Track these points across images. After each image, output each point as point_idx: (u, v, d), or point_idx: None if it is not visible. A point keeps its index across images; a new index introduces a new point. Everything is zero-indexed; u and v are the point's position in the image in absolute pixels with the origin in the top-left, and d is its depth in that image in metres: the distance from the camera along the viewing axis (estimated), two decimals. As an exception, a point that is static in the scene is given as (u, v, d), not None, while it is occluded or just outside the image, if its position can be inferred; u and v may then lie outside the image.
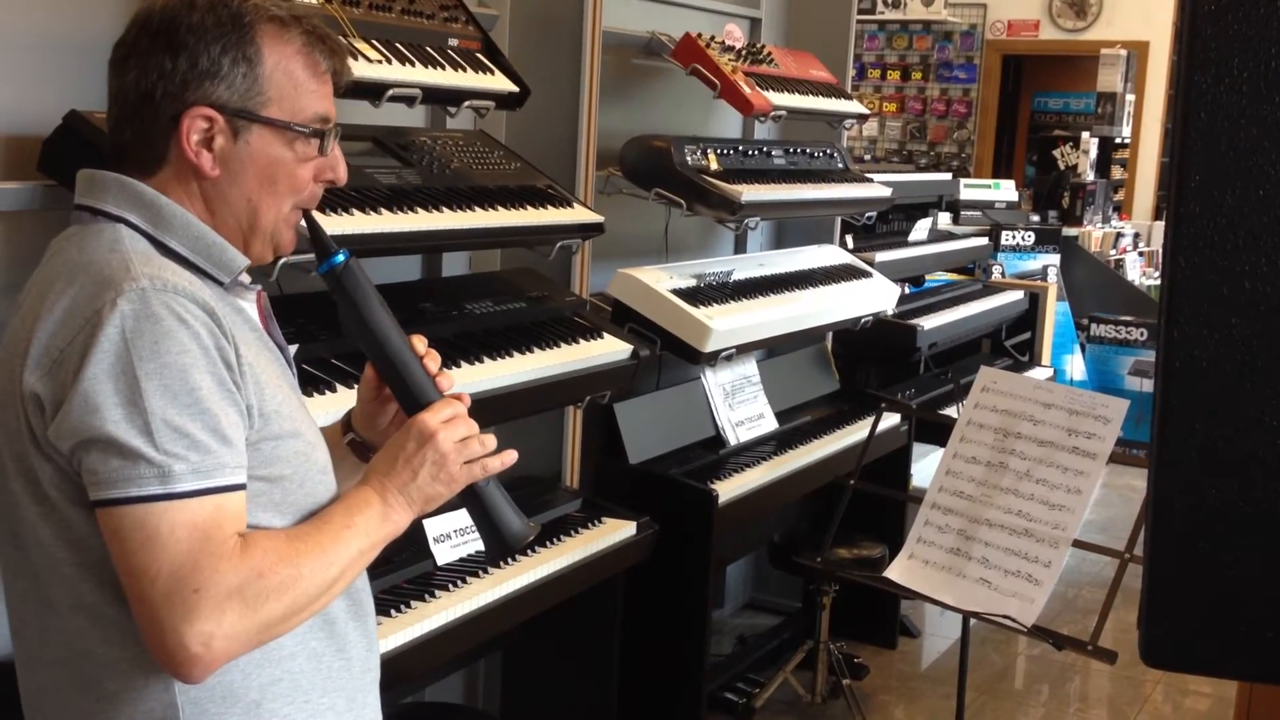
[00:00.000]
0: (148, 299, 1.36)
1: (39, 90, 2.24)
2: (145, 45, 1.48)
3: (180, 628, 1.33)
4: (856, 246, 4.87)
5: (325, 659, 1.53)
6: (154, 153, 1.49)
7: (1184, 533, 0.97)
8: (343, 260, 1.57)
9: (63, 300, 1.39)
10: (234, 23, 1.48)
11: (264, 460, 1.44)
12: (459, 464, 1.55)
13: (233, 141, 1.48)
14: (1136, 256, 8.98)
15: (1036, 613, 2.70)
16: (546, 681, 3.32)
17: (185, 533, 1.34)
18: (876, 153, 11.80)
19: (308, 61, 1.52)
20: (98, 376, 1.33)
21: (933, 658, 4.69)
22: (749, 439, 3.90)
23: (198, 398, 1.36)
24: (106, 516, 1.35)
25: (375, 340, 1.58)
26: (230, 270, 1.50)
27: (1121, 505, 6.36)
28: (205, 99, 1.46)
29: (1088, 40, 10.82)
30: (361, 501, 1.51)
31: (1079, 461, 2.78)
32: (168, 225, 1.47)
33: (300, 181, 1.53)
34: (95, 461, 1.34)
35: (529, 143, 3.19)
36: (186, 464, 1.34)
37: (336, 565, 1.45)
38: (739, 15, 4.36)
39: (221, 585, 1.34)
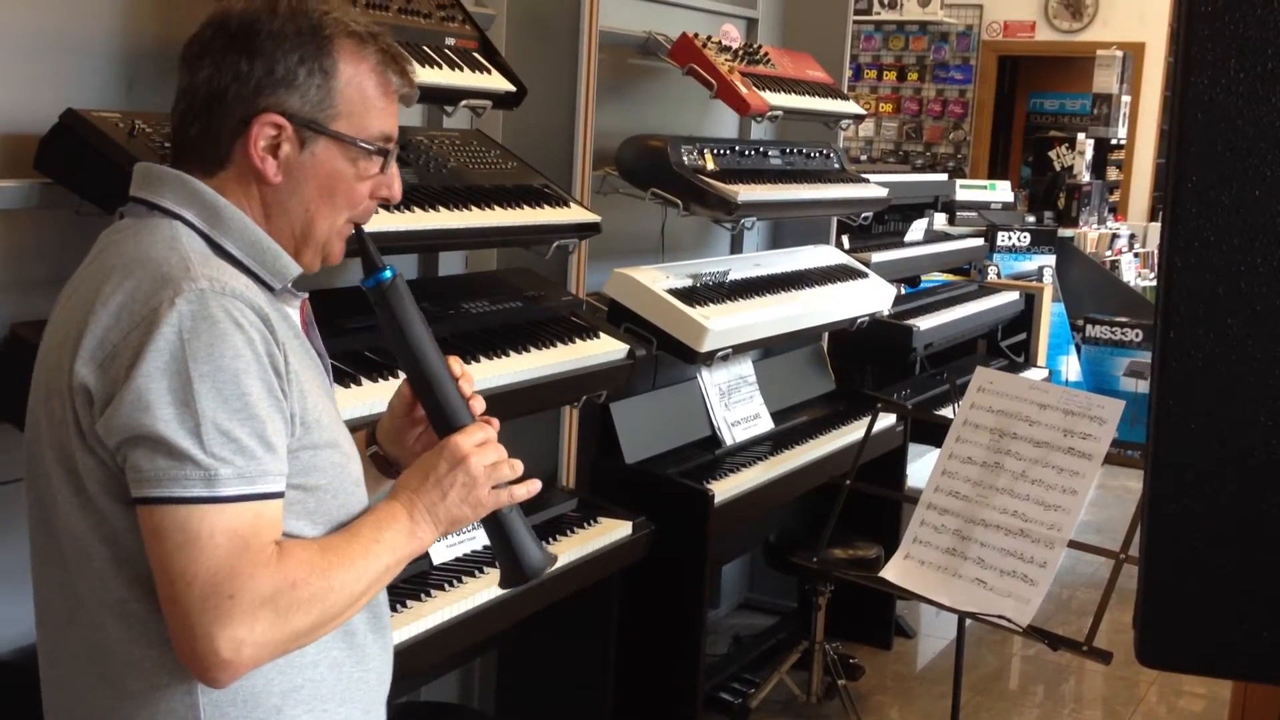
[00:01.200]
0: (206, 301, 1.36)
1: (36, 88, 2.23)
2: (221, 45, 1.48)
3: (213, 632, 1.33)
4: (852, 247, 4.88)
5: (345, 669, 1.54)
6: (218, 153, 1.49)
7: (1179, 533, 0.97)
8: (390, 277, 1.57)
9: (119, 294, 1.38)
10: (314, 34, 1.48)
11: (302, 469, 1.45)
12: (488, 489, 1.56)
13: (298, 151, 1.49)
14: (1132, 258, 8.99)
15: (1032, 613, 2.70)
16: (542, 681, 3.32)
17: (225, 538, 1.34)
18: (872, 153, 11.80)
19: (380, 80, 1.53)
20: (151, 374, 1.33)
21: (928, 658, 4.69)
22: (745, 439, 3.91)
23: (248, 403, 1.36)
24: (148, 514, 1.35)
25: (414, 359, 1.58)
26: (283, 277, 1.51)
27: (1117, 506, 6.36)
28: (277, 106, 1.47)
29: (1083, 41, 10.83)
30: (390, 517, 1.51)
31: (1074, 462, 2.78)
32: (225, 226, 1.47)
33: (358, 196, 1.54)
34: (141, 459, 1.34)
35: (526, 142, 3.19)
36: (232, 468, 1.35)
37: (364, 580, 1.46)
38: (736, 15, 4.36)
39: (256, 593, 1.35)
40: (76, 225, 2.15)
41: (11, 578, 2.13)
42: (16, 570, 1.61)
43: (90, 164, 2.10)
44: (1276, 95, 0.93)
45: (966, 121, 11.66)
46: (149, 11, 2.42)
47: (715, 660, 4.19)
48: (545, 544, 1.66)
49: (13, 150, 2.20)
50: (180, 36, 1.55)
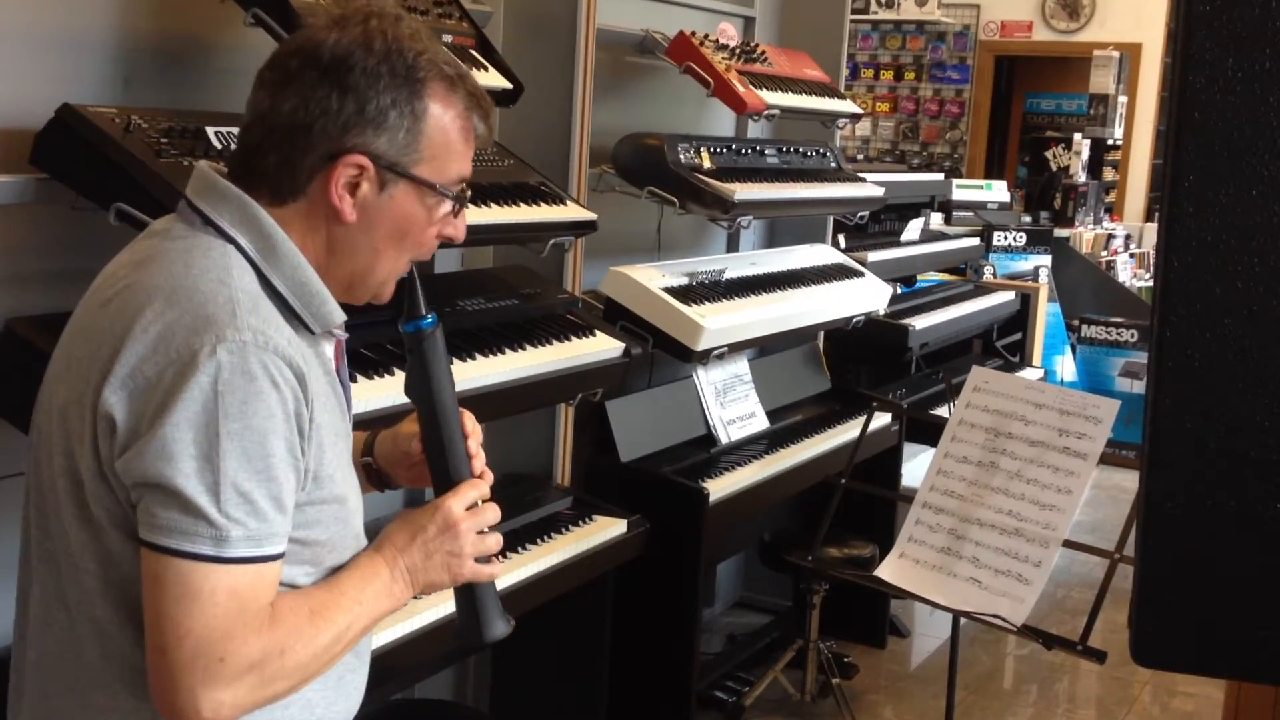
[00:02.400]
0: (247, 354, 1.34)
1: (32, 83, 2.23)
2: (312, 77, 1.44)
3: (197, 690, 1.33)
4: (849, 246, 4.88)
5: (318, 709, 1.53)
6: (294, 184, 1.46)
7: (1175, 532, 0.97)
8: (430, 326, 1.56)
9: (158, 324, 1.36)
10: (408, 75, 1.45)
11: (304, 522, 1.44)
12: (469, 562, 1.55)
13: (377, 192, 1.47)
14: (1128, 258, 9.00)
15: (1026, 612, 2.70)
16: (536, 679, 3.32)
17: (225, 598, 1.34)
18: (869, 152, 11.81)
19: (465, 125, 1.51)
20: (179, 424, 1.32)
21: (922, 657, 4.69)
22: (740, 438, 3.91)
23: (270, 464, 1.35)
24: (152, 560, 1.34)
25: (433, 411, 1.57)
26: (324, 324, 1.49)
27: (1111, 506, 6.37)
28: (364, 147, 1.45)
29: (1080, 41, 10.84)
30: (373, 574, 1.51)
31: (1070, 462, 2.78)
32: (277, 261, 1.45)
33: (426, 239, 1.53)
34: (155, 505, 1.33)
35: (522, 140, 3.19)
36: (243, 530, 1.34)
37: (342, 643, 1.47)
38: (733, 14, 4.36)
39: (245, 658, 1.35)
40: (72, 220, 2.15)
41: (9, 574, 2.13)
42: (10, 566, 1.61)
43: (86, 159, 2.09)
44: (1274, 95, 0.93)
45: (963, 121, 11.67)
46: (146, 7, 2.42)
47: (709, 658, 4.19)
48: (505, 612, 1.66)
49: (8, 145, 2.20)
50: (178, 31, 1.54)
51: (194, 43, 2.46)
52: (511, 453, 3.30)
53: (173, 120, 2.20)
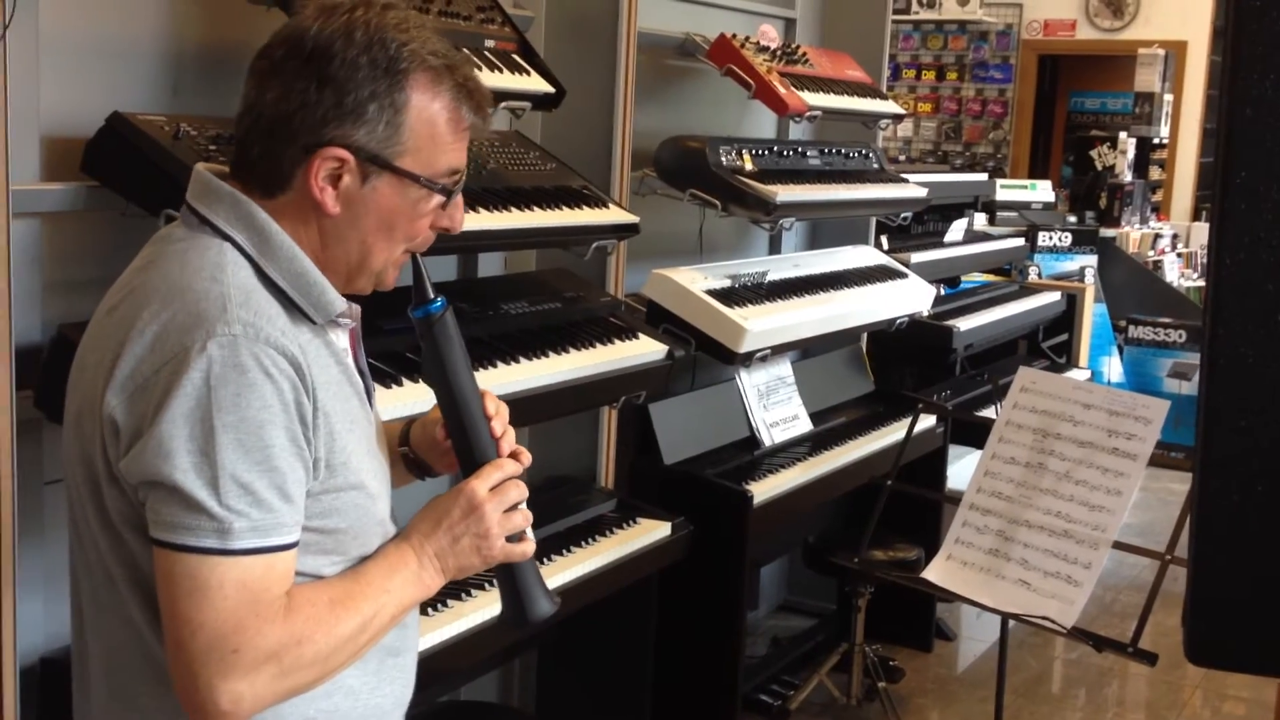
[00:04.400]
0: (238, 347, 1.35)
1: (83, 92, 2.26)
2: (293, 68, 1.43)
3: (213, 683, 1.34)
4: (891, 247, 4.86)
5: (361, 696, 1.53)
6: (279, 176, 1.46)
7: (1228, 530, 0.96)
8: (439, 309, 1.55)
9: (154, 324, 1.37)
10: (389, 68, 1.43)
11: (322, 511, 1.44)
12: (499, 542, 1.53)
13: (359, 184, 1.45)
14: (1175, 257, 8.90)
15: (1076, 614, 2.68)
16: (581, 681, 3.33)
17: (234, 589, 1.34)
18: (911, 153, 11.75)
19: (453, 116, 1.48)
20: (175, 420, 1.33)
21: (969, 661, 4.66)
22: (784, 440, 3.90)
23: (269, 455, 1.35)
24: (161, 557, 1.35)
25: (450, 395, 1.56)
26: (325, 313, 1.48)
27: (1160, 508, 6.30)
28: (342, 139, 1.43)
29: (1125, 40, 10.73)
30: (400, 562, 1.50)
31: (1119, 462, 2.76)
32: (273, 255, 1.44)
33: (417, 229, 1.51)
34: (159, 503, 1.34)
35: (564, 143, 3.19)
36: (247, 521, 1.34)
37: (368, 632, 1.46)
38: (774, 16, 4.35)
39: (260, 648, 1.35)
40: (122, 227, 2.17)
41: (59, 577, 2.16)
42: (64, 569, 1.63)
43: (136, 167, 2.12)
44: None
45: (1006, 121, 11.59)
46: (193, 16, 2.44)
47: (754, 662, 4.18)
48: (549, 589, 1.64)
49: (60, 153, 2.23)
50: (225, 40, 1.55)
51: (241, 51, 2.48)
52: (555, 456, 3.30)
53: (220, 127, 2.22)
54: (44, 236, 2.22)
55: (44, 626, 2.25)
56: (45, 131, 2.21)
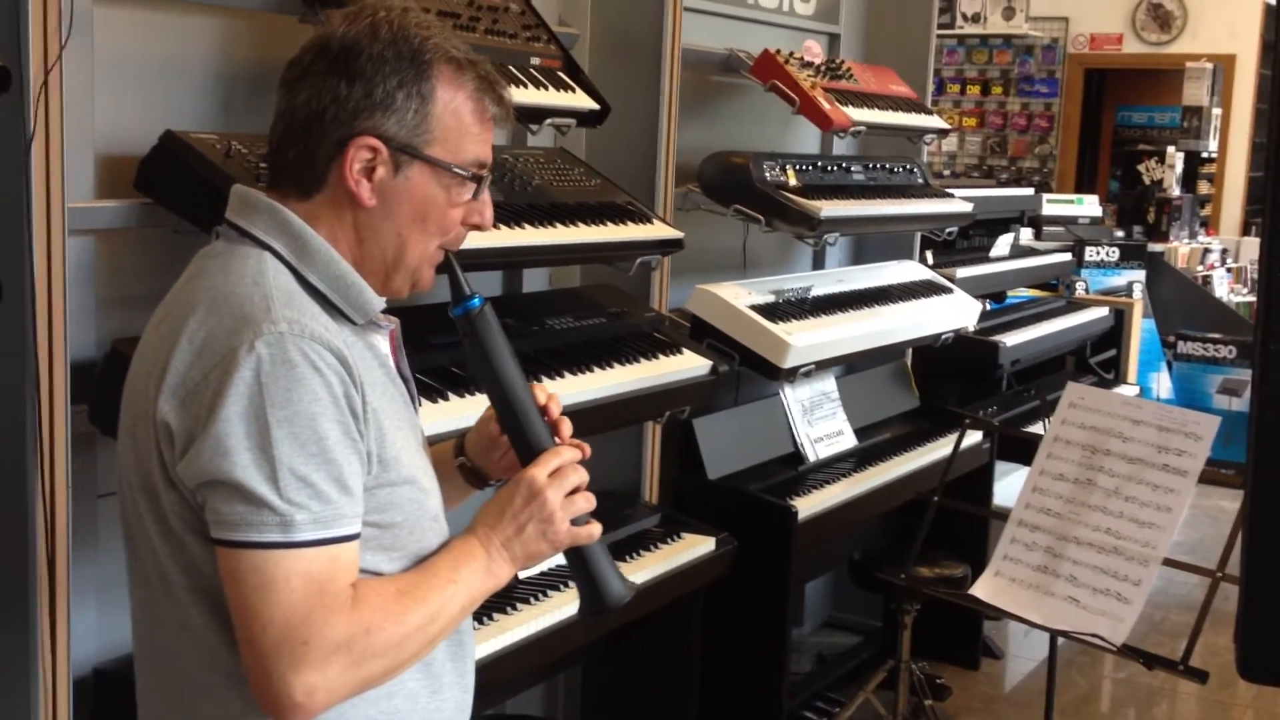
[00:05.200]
0: (284, 344, 1.38)
1: (137, 111, 2.30)
2: (322, 68, 1.48)
3: (286, 676, 1.35)
4: (937, 262, 4.83)
5: (421, 699, 1.54)
6: (314, 175, 1.49)
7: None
8: (478, 305, 1.58)
9: (202, 331, 1.40)
10: (413, 58, 1.48)
11: (378, 506, 1.46)
12: (565, 525, 1.55)
13: (392, 175, 1.49)
14: (1224, 272, 8.81)
15: (1126, 632, 2.65)
16: (626, 696, 3.32)
17: (300, 582, 1.36)
18: (956, 168, 11.70)
19: (476, 106, 1.53)
20: (230, 419, 1.35)
21: (1016, 679, 4.62)
22: (828, 455, 3.89)
23: (325, 447, 1.37)
24: (226, 556, 1.37)
25: (499, 388, 1.59)
26: (365, 313, 1.51)
27: (1210, 526, 6.22)
28: (374, 129, 1.47)
29: (1172, 53, 10.65)
30: (467, 554, 1.52)
31: (1169, 479, 2.73)
32: (311, 260, 1.48)
33: (450, 222, 1.54)
34: (220, 502, 1.36)
35: (609, 159, 3.21)
36: (308, 513, 1.36)
37: (439, 622, 1.47)
38: (818, 31, 4.35)
39: (330, 638, 1.37)
40: (175, 244, 2.20)
41: (112, 588, 2.19)
42: (117, 581, 1.65)
43: (188, 184, 2.15)
44: (1380, 101, 0.91)
45: (1052, 135, 11.51)
46: (245, 35, 2.48)
47: (799, 678, 4.16)
48: (623, 574, 1.65)
49: (114, 171, 2.27)
50: (275, 59, 1.57)
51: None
52: (599, 470, 3.28)
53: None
54: (98, 253, 2.25)
55: (97, 637, 2.28)
56: (100, 150, 2.25)
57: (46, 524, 2.01)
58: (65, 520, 2.03)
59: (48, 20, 1.94)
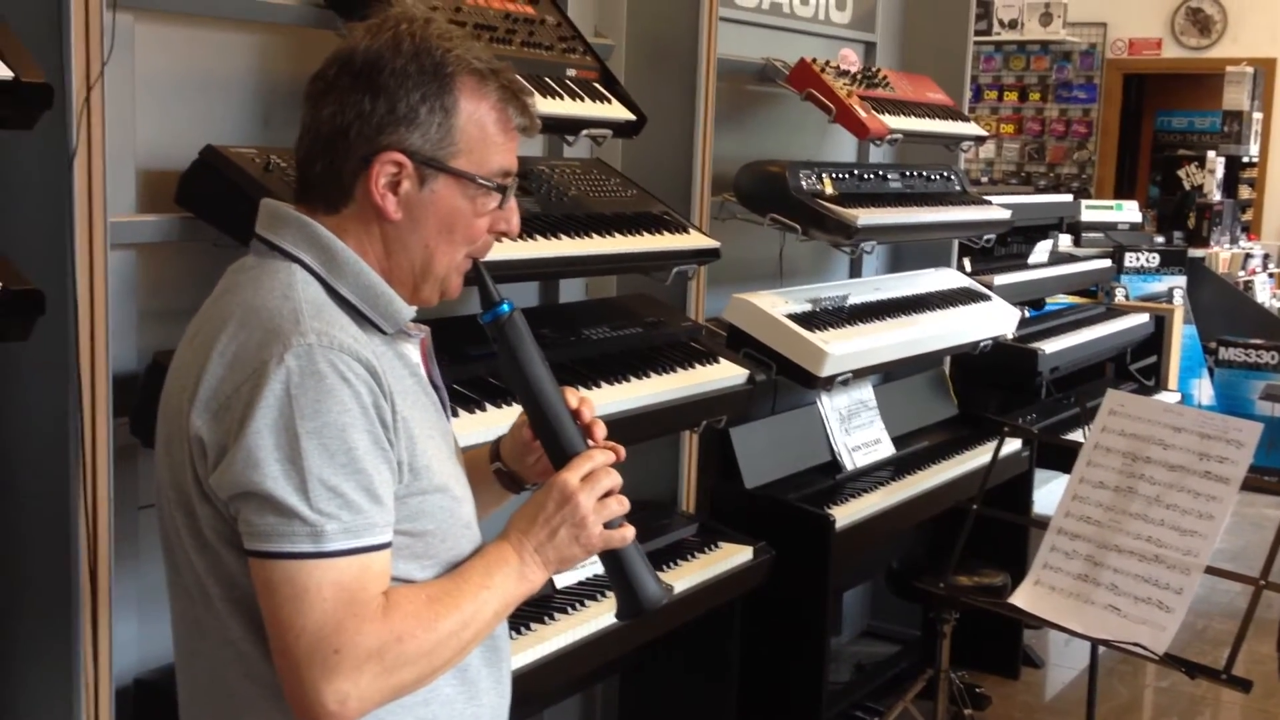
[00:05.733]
0: (314, 356, 1.39)
1: (178, 126, 2.32)
2: (346, 83, 1.50)
3: (319, 685, 1.36)
4: (975, 269, 4.81)
5: (458, 705, 1.55)
6: (341, 190, 1.51)
7: (1325, 555, 0.94)
8: (507, 311, 1.59)
9: (233, 345, 1.42)
10: (435, 72, 1.49)
11: (410, 514, 1.47)
12: (598, 528, 1.55)
13: (418, 188, 1.50)
14: (1266, 278, 8.71)
15: (1168, 640, 2.63)
16: (664, 706, 3.32)
17: (332, 591, 1.37)
18: (994, 175, 11.63)
19: (500, 117, 1.54)
20: (260, 431, 1.36)
21: (1057, 689, 4.58)
22: (866, 464, 3.87)
23: (354, 457, 1.39)
24: (259, 567, 1.39)
25: (530, 392, 1.60)
26: (395, 322, 1.53)
27: (1253, 533, 6.15)
28: (398, 144, 1.48)
29: (1212, 58, 10.55)
30: (499, 560, 1.53)
31: (1211, 486, 2.70)
32: (340, 271, 1.49)
33: (476, 232, 1.55)
34: (251, 514, 1.38)
35: (645, 170, 3.22)
36: (339, 523, 1.37)
37: (472, 628, 1.48)
38: (854, 40, 4.35)
39: (362, 647, 1.37)
40: (215, 258, 2.22)
41: (153, 599, 2.21)
42: (158, 592, 1.67)
43: (228, 198, 2.18)
44: None
45: (1091, 141, 11.43)
46: (283, 50, 2.50)
47: (838, 688, 4.14)
48: (660, 576, 1.65)
49: (155, 186, 2.29)
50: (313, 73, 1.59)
51: (328, 83, 2.54)
52: (637, 479, 3.31)
53: (309, 158, 2.27)
54: (139, 267, 2.28)
55: (138, 648, 2.30)
56: (141, 165, 2.28)
57: (89, 535, 2.03)
58: (107, 532, 2.05)
59: (89, 37, 1.97)
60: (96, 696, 2.07)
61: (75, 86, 1.95)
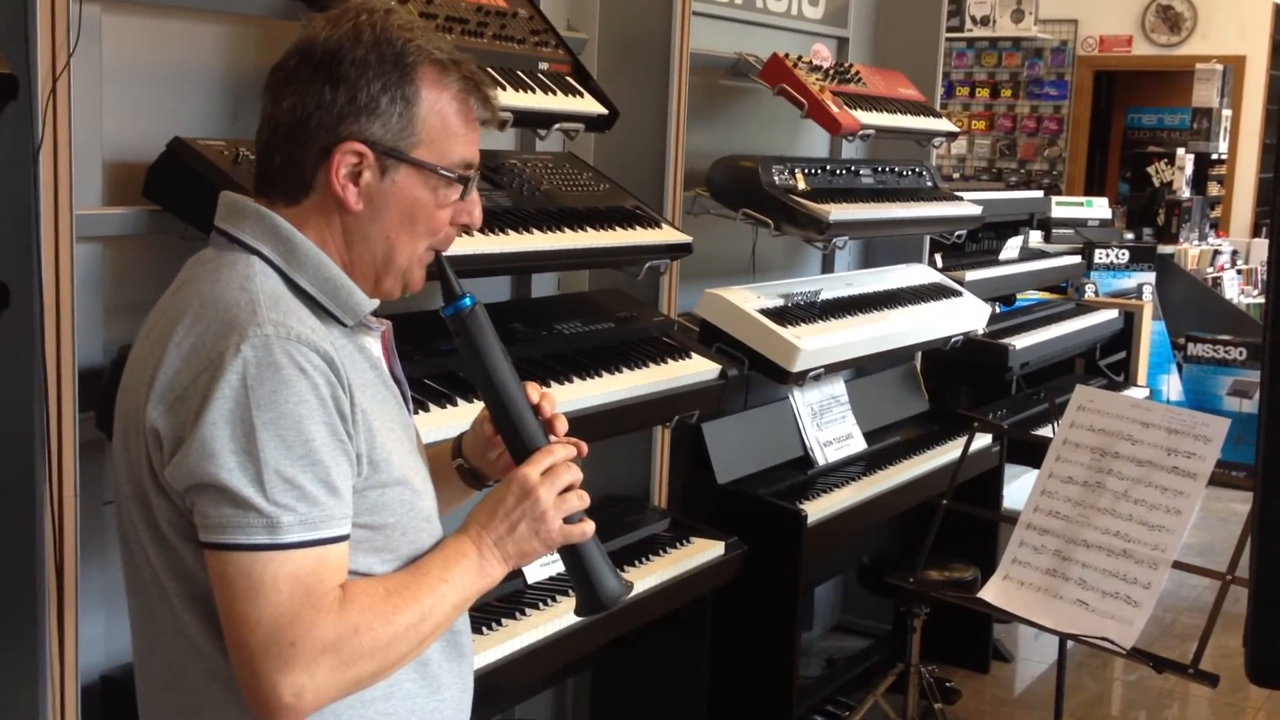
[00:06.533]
0: (270, 347, 1.38)
1: (144, 118, 2.30)
2: (306, 74, 1.48)
3: (274, 677, 1.35)
4: (946, 265, 4.83)
5: (419, 700, 1.54)
6: (301, 181, 1.50)
7: (1291, 551, 0.95)
8: (469, 305, 1.58)
9: (190, 336, 1.41)
10: (396, 62, 1.48)
11: (369, 508, 1.46)
12: (557, 522, 1.55)
13: (379, 179, 1.49)
14: (1234, 274, 8.79)
15: (1136, 635, 2.64)
16: (634, 701, 3.32)
17: (287, 584, 1.36)
18: (965, 171, 11.68)
19: (462, 107, 1.52)
20: (216, 422, 1.35)
21: (1026, 682, 4.61)
22: (837, 459, 3.88)
23: (311, 449, 1.37)
24: (214, 560, 1.38)
25: (491, 387, 1.59)
26: (354, 314, 1.51)
27: (1221, 528, 6.21)
28: (359, 134, 1.47)
29: (1182, 55, 10.63)
30: (459, 553, 1.52)
31: (1178, 481, 2.72)
32: (299, 263, 1.48)
33: (438, 223, 1.54)
34: (207, 506, 1.36)
35: (617, 164, 3.21)
36: (294, 515, 1.36)
37: (431, 621, 1.47)
38: (826, 35, 4.35)
39: (317, 640, 1.36)
40: (182, 251, 2.19)
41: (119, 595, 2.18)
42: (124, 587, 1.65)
43: (196, 191, 2.16)
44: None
45: (1062, 138, 11.50)
46: (252, 42, 2.49)
47: (808, 682, 4.16)
48: (620, 573, 1.64)
49: (122, 179, 2.27)
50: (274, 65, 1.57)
51: (298, 75, 2.52)
52: (608, 475, 3.31)
53: (278, 151, 2.25)
54: (106, 260, 2.26)
55: (105, 644, 2.28)
56: (108, 157, 2.25)
57: (54, 530, 2.01)
58: (73, 527, 2.03)
59: (55, 28, 1.95)
60: (62, 693, 2.05)
61: (41, 78, 1.93)
